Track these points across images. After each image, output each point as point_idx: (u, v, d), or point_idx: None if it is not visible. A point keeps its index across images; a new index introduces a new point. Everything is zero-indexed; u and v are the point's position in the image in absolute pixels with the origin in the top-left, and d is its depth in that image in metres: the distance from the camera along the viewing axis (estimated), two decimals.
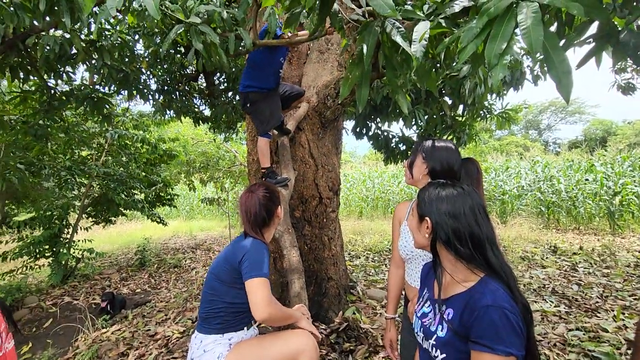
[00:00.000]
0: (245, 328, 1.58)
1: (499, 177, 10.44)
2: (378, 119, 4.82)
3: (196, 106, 5.61)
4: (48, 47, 2.90)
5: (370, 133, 5.09)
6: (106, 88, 4.14)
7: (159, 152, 6.32)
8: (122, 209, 6.29)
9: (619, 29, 1.75)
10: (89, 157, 6.00)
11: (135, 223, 13.50)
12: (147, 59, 4.44)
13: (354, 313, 3.24)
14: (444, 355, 0.89)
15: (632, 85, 5.15)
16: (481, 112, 4.51)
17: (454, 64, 2.61)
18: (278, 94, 2.81)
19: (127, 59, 3.86)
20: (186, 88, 5.34)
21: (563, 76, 1.07)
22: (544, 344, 2.81)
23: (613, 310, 3.38)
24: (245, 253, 1.48)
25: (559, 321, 3.24)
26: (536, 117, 33.66)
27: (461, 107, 4.37)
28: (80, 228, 5.84)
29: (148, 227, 10.88)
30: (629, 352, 2.60)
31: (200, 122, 5.66)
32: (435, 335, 0.92)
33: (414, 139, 5.07)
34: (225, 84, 5.54)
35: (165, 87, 4.95)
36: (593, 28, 1.77)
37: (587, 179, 8.98)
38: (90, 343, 3.17)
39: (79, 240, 5.56)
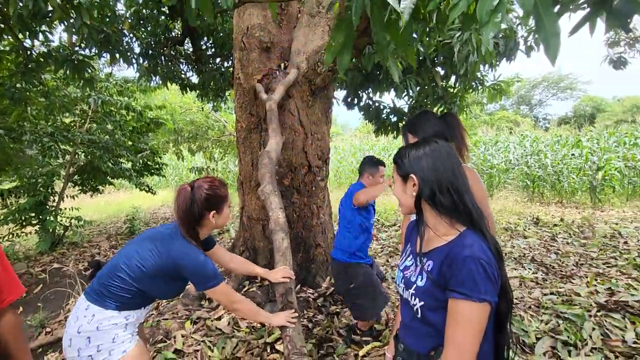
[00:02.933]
0: (143, 307, 1.53)
1: (488, 151, 10.55)
2: (369, 89, 4.74)
3: (183, 72, 5.42)
4: (21, 4, 2.73)
5: (362, 103, 5.03)
6: (87, 50, 3.95)
7: (146, 119, 6.17)
8: (109, 178, 6.20)
9: None
10: (72, 124, 5.83)
11: (123, 193, 13.38)
12: (129, 20, 4.22)
13: None
14: (422, 302, 0.95)
15: (623, 60, 5.15)
16: (473, 83, 4.46)
17: (447, 29, 2.56)
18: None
19: (107, 19, 3.67)
20: (172, 52, 5.13)
21: (551, 38, 1.06)
22: (520, 306, 2.96)
23: (587, 277, 3.55)
24: (186, 265, 1.42)
25: (536, 286, 3.40)
26: (528, 92, 33.60)
27: (453, 77, 4.32)
28: (67, 196, 5.77)
29: (137, 197, 10.81)
30: (598, 314, 2.77)
31: (188, 89, 5.49)
32: (415, 285, 0.98)
33: (405, 110, 5.04)
34: (213, 49, 5.34)
35: (150, 51, 4.75)
36: None
37: (573, 154, 9.15)
38: None
39: (65, 209, 5.51)
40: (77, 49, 3.89)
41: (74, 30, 3.36)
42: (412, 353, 1.02)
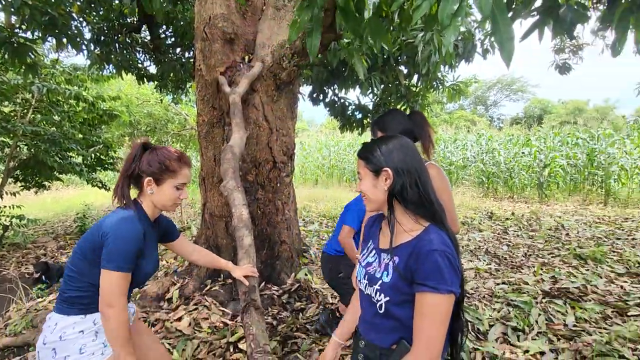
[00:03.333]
0: None
1: (448, 148, 11.03)
2: (335, 85, 4.76)
3: (139, 61, 5.12)
4: None
5: (327, 100, 5.04)
6: (29, 33, 3.60)
7: (98, 111, 5.75)
8: (56, 173, 5.74)
9: (561, 3, 1.85)
10: (12, 114, 5.31)
11: (73, 189, 12.48)
12: (78, 2, 3.91)
13: (305, 274, 3.34)
14: (387, 298, 0.96)
15: (568, 65, 5.57)
16: (434, 82, 4.62)
17: (409, 28, 2.63)
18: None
19: (53, 0, 3.37)
20: (127, 40, 4.83)
21: (506, 41, 1.11)
22: (475, 296, 3.13)
23: (534, 267, 3.83)
24: (109, 232, 1.23)
25: (489, 277, 3.61)
26: (484, 94, 35.53)
27: (416, 76, 4.45)
28: (7, 193, 5.27)
29: (89, 193, 10.13)
30: (544, 300, 2.99)
31: (145, 80, 5.20)
32: (380, 281, 0.98)
33: (370, 107, 5.12)
34: (173, 39, 5.09)
35: (102, 37, 4.43)
36: (540, 1, 1.85)
37: (523, 152, 9.81)
38: (24, 313, 2.96)
39: (5, 207, 5.03)
40: (17, 31, 3.54)
41: (12, 9, 3.05)
42: (375, 348, 1.02)
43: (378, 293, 0.98)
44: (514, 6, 1.86)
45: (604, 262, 3.89)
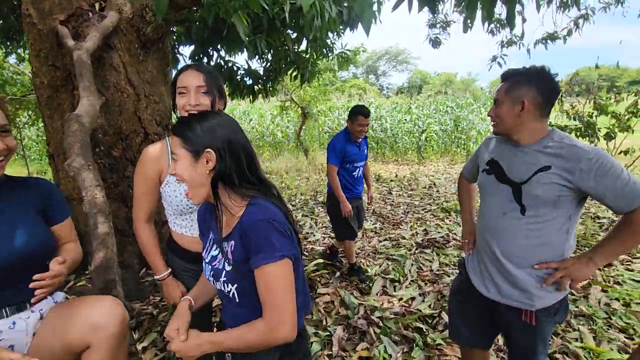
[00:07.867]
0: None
1: (341, 116, 11.50)
2: (220, 47, 4.35)
3: None
4: None
5: (213, 63, 4.60)
6: None
7: None
8: None
9: None
10: None
11: None
12: None
13: None
14: (235, 285, 0.91)
15: (438, 40, 6.18)
16: (323, 49, 4.60)
17: None
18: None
19: None
20: None
21: (366, 9, 1.08)
22: (362, 255, 3.39)
23: (411, 222, 4.33)
24: None
25: (374, 235, 3.96)
26: (375, 63, 37.89)
27: (305, 42, 4.35)
28: None
29: None
30: (416, 251, 3.41)
31: None
32: (224, 271, 0.93)
33: (261, 72, 4.87)
34: None
35: None
36: None
37: (405, 119, 10.87)
38: None
39: None
40: None
41: None
42: None
43: (226, 284, 0.92)
44: None
45: None
